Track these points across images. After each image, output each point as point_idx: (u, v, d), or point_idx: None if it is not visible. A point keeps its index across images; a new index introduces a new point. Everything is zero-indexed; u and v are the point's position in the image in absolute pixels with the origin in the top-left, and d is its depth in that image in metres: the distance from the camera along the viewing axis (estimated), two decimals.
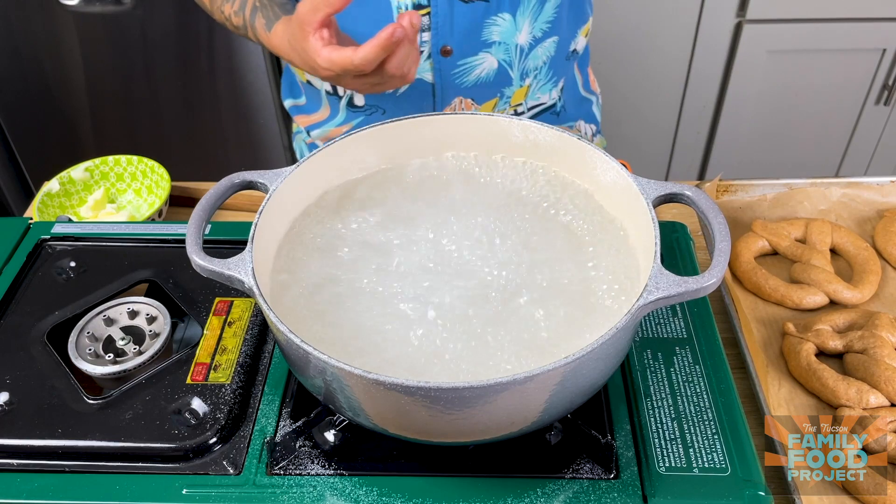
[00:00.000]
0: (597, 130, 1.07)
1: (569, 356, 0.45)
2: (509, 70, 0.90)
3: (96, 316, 0.67)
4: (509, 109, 0.94)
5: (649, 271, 0.50)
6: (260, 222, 0.55)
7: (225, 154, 1.83)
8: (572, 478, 0.55)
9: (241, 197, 0.88)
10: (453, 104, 0.91)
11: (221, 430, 0.58)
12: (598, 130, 1.07)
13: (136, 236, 0.75)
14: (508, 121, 0.64)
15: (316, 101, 0.98)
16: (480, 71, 0.89)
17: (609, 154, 0.60)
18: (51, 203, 0.90)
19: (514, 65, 0.90)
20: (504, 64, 0.89)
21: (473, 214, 0.62)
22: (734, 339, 0.71)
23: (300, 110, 1.02)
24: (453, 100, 0.91)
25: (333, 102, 0.95)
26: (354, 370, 0.45)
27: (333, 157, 0.63)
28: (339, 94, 0.93)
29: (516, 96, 0.93)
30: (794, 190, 0.85)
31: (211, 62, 1.65)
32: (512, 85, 0.92)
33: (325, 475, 0.56)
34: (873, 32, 1.57)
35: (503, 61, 0.89)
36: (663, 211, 0.83)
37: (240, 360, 0.62)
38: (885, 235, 0.79)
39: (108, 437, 0.57)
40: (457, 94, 0.90)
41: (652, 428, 0.58)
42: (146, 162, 0.94)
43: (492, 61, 0.88)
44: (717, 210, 0.53)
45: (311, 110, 1.00)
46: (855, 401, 0.64)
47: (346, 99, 0.93)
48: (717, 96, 1.72)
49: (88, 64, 1.65)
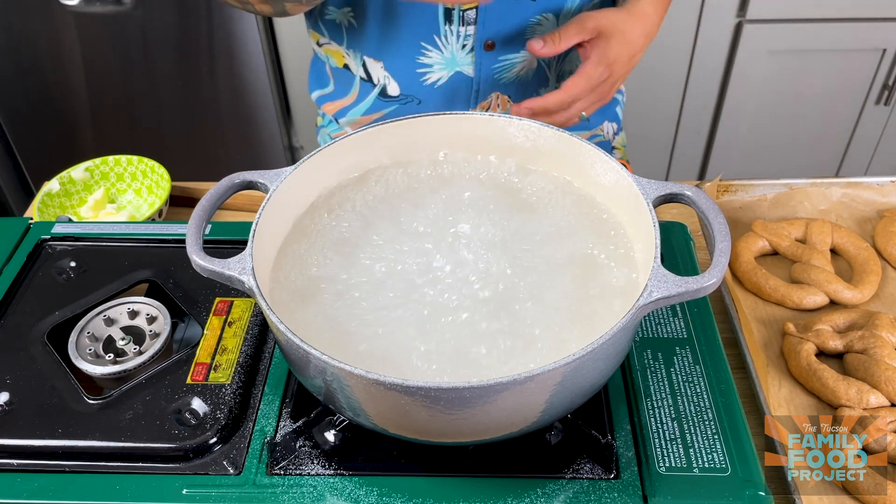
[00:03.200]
0: (619, 129, 1.07)
1: (569, 356, 0.45)
2: (547, 70, 0.91)
3: (96, 316, 0.67)
4: None
5: (649, 271, 0.50)
6: (260, 222, 0.55)
7: (225, 154, 1.83)
8: (572, 478, 0.55)
9: (241, 197, 0.88)
10: (489, 99, 0.91)
11: (221, 430, 0.58)
12: (620, 128, 1.08)
13: (136, 236, 0.75)
14: (507, 121, 0.64)
15: (346, 85, 0.97)
16: (520, 69, 0.89)
17: (609, 154, 0.60)
18: (51, 203, 0.90)
19: (552, 66, 0.90)
20: (543, 63, 0.89)
21: (472, 214, 0.62)
22: (734, 339, 0.70)
23: (327, 98, 1.01)
24: (490, 95, 0.90)
25: (366, 89, 0.95)
26: (354, 370, 0.45)
27: (333, 157, 0.63)
28: (374, 83, 0.93)
29: None
30: (794, 190, 0.85)
31: (211, 62, 1.65)
32: (548, 86, 0.92)
33: (325, 475, 0.56)
34: (873, 32, 1.57)
35: (542, 61, 0.89)
36: (663, 211, 0.83)
37: (240, 360, 0.62)
38: (885, 235, 0.79)
39: (108, 437, 0.57)
40: (495, 89, 0.90)
41: (652, 428, 0.58)
42: (146, 162, 0.94)
43: (532, 60, 0.88)
44: (717, 210, 0.53)
45: (338, 96, 0.99)
46: (855, 401, 0.64)
47: (379, 88, 0.93)
48: (717, 96, 1.72)
49: (88, 64, 1.65)
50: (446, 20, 0.83)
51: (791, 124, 1.75)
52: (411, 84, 0.90)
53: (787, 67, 1.64)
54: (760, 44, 1.60)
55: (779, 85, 1.67)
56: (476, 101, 0.91)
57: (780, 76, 1.65)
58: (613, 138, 1.06)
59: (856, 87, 1.67)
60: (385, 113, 0.94)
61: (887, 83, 1.64)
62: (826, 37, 1.59)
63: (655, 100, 1.74)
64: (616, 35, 0.78)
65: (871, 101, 1.69)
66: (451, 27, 0.83)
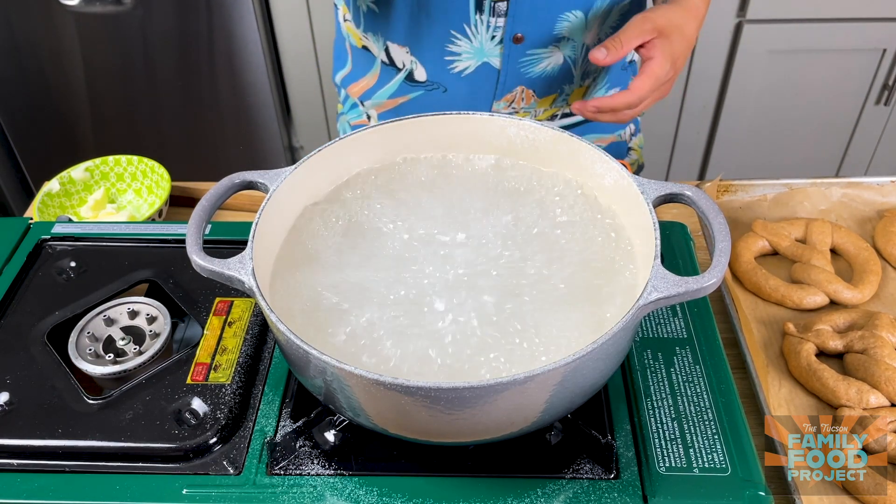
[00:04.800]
0: (636, 129, 1.07)
1: (569, 356, 0.45)
2: (573, 68, 0.91)
3: (96, 316, 0.67)
4: (566, 107, 0.95)
5: (649, 271, 0.50)
6: (260, 222, 0.55)
7: (225, 154, 1.83)
8: (572, 478, 0.55)
9: (241, 197, 0.88)
10: (514, 92, 0.91)
11: (221, 430, 0.58)
12: (638, 129, 1.08)
13: (136, 236, 0.75)
14: (508, 121, 0.64)
15: (365, 66, 0.97)
16: (546, 64, 0.89)
17: (609, 154, 0.60)
18: (51, 203, 0.90)
19: (577, 63, 0.91)
20: (569, 60, 0.90)
21: (472, 215, 0.62)
22: (734, 339, 0.71)
23: (349, 80, 1.01)
24: (515, 88, 0.91)
25: (388, 72, 0.95)
26: (354, 370, 0.45)
27: (333, 157, 0.63)
28: (398, 67, 0.93)
29: (574, 95, 0.94)
30: (794, 190, 0.85)
31: (211, 62, 1.65)
32: (573, 83, 0.93)
33: (325, 475, 0.56)
34: (873, 32, 1.57)
35: (569, 57, 0.90)
36: (663, 211, 0.83)
37: (240, 360, 0.62)
38: (885, 235, 0.79)
39: (108, 437, 0.57)
40: (520, 83, 0.91)
41: (652, 428, 0.58)
42: (146, 162, 0.94)
43: (558, 56, 0.89)
44: (717, 210, 0.53)
45: (358, 76, 0.99)
46: (855, 401, 0.64)
47: (405, 72, 0.93)
48: (717, 96, 1.72)
49: (88, 64, 1.65)
50: (477, 10, 0.84)
51: (791, 124, 1.75)
52: (439, 71, 0.91)
53: (787, 67, 1.64)
54: (760, 44, 1.60)
55: (779, 85, 1.67)
56: (500, 94, 0.91)
57: (780, 76, 1.65)
58: (630, 139, 1.06)
59: (856, 87, 1.67)
60: (411, 97, 0.95)
61: (887, 83, 1.64)
62: (826, 37, 1.59)
63: None
64: (675, 32, 0.79)
65: (871, 101, 1.69)
66: (481, 17, 0.84)
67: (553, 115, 0.95)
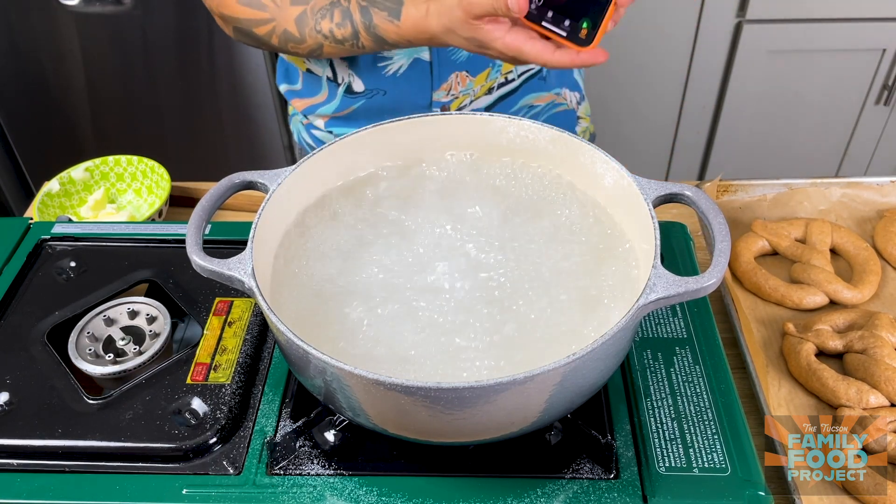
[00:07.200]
0: (581, 97, 1.08)
1: (569, 356, 0.45)
2: None
3: (96, 316, 0.67)
4: (500, 77, 0.96)
5: (649, 271, 0.50)
6: (260, 222, 0.55)
7: (225, 154, 1.83)
8: (572, 478, 0.55)
9: (241, 197, 0.88)
10: (450, 80, 0.93)
11: (221, 430, 0.58)
12: (583, 97, 1.08)
13: (136, 236, 0.75)
14: (508, 121, 0.64)
15: (315, 86, 0.99)
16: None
17: (609, 154, 0.60)
18: (51, 203, 0.90)
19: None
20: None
21: (472, 214, 0.62)
22: (734, 339, 0.71)
23: (296, 94, 1.03)
24: (450, 76, 0.93)
25: (333, 88, 0.97)
26: (354, 370, 0.45)
27: (333, 158, 0.63)
28: (338, 82, 0.95)
29: (506, 65, 0.95)
30: (794, 190, 0.85)
31: (211, 62, 1.65)
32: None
33: (325, 475, 0.56)
34: (873, 32, 1.58)
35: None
36: (663, 211, 0.82)
37: (240, 360, 0.62)
38: (885, 235, 0.79)
39: (108, 437, 0.57)
40: (453, 69, 0.92)
41: (652, 428, 0.58)
42: (146, 162, 0.94)
43: None
44: (717, 210, 0.53)
45: (307, 95, 1.01)
46: (855, 401, 0.64)
47: (343, 87, 0.95)
48: (717, 96, 1.72)
49: (88, 64, 1.65)
50: None
51: (791, 124, 1.75)
52: (375, 78, 0.93)
53: (787, 67, 1.64)
54: (760, 44, 1.60)
55: (779, 85, 1.67)
56: (437, 84, 0.93)
57: (780, 76, 1.65)
58: (577, 107, 1.06)
59: (856, 87, 1.67)
60: (355, 108, 0.97)
61: (887, 83, 1.64)
62: (826, 37, 1.59)
63: (655, 99, 1.74)
64: None
65: (870, 101, 1.69)
66: None
67: (490, 88, 0.96)
